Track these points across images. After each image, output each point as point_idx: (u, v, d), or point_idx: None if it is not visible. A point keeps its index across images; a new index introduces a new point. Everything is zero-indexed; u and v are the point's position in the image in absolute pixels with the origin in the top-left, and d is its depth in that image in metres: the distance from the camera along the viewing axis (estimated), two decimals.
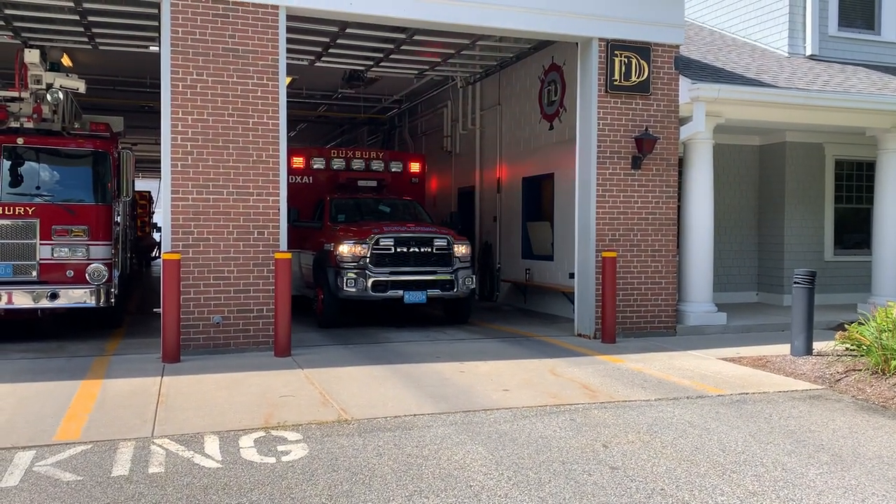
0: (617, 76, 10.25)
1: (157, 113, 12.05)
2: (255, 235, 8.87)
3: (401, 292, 10.72)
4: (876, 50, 14.66)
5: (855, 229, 14.44)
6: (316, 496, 4.35)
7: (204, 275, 8.67)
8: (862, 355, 7.82)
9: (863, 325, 7.97)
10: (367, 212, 12.49)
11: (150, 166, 26.08)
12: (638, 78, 10.33)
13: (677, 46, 10.67)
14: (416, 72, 14.30)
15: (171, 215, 8.59)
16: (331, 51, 12.54)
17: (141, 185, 25.68)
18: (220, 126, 8.71)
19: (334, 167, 13.30)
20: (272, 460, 4.95)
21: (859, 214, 14.43)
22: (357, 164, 13.41)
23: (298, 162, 13.14)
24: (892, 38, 14.76)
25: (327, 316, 10.97)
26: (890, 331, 7.46)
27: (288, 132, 9.13)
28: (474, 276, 11.43)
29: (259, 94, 8.84)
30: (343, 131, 22.66)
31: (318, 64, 13.34)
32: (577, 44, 10.52)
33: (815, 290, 8.79)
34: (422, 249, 10.93)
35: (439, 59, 13.25)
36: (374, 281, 10.64)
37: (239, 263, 8.80)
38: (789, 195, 13.89)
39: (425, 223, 12.12)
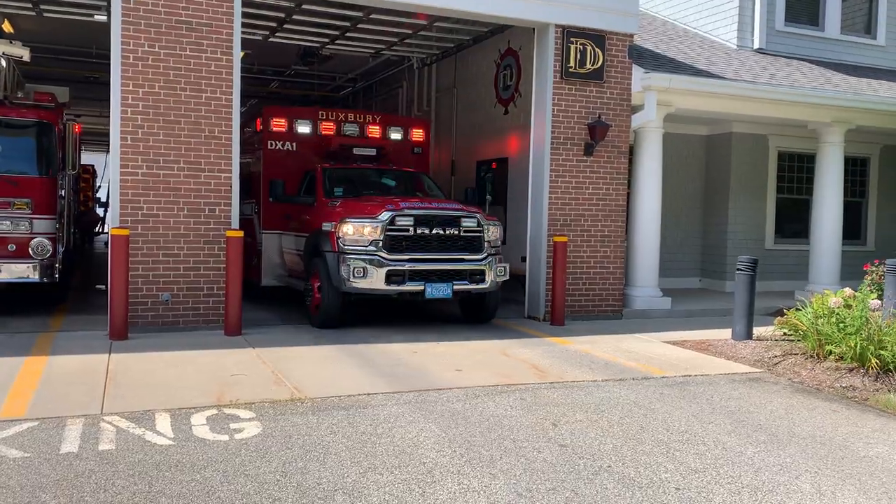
0: (572, 63, 10.37)
1: (102, 84, 11.72)
2: (207, 213, 8.74)
3: (421, 285, 8.79)
4: (820, 45, 15.14)
5: (795, 219, 14.94)
6: (270, 473, 4.37)
7: (153, 251, 8.53)
8: (799, 340, 8.16)
9: (800, 311, 8.30)
10: (369, 185, 10.58)
11: (95, 139, 25.30)
12: (592, 66, 10.48)
13: (631, 36, 10.84)
14: (372, 51, 14.20)
15: (120, 190, 8.41)
16: (286, 26, 12.37)
17: (84, 158, 24.91)
18: (172, 100, 8.53)
19: (323, 132, 11.17)
20: (225, 438, 4.95)
21: (799, 205, 14.92)
22: (350, 128, 11.30)
23: (279, 124, 11.01)
24: (835, 34, 15.25)
25: (327, 314, 9.02)
26: (825, 317, 7.79)
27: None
28: (506, 266, 9.59)
29: (213, 68, 8.68)
30: None
31: (272, 39, 13.15)
32: (533, 29, 10.60)
33: (756, 278, 9.11)
34: (447, 231, 9.02)
35: (396, 39, 13.18)
36: (390, 270, 8.69)
37: (189, 241, 8.68)
38: (734, 184, 14.29)
39: (446, 199, 10.34)
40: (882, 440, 5.46)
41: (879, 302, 7.92)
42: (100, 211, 24.78)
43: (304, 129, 11.15)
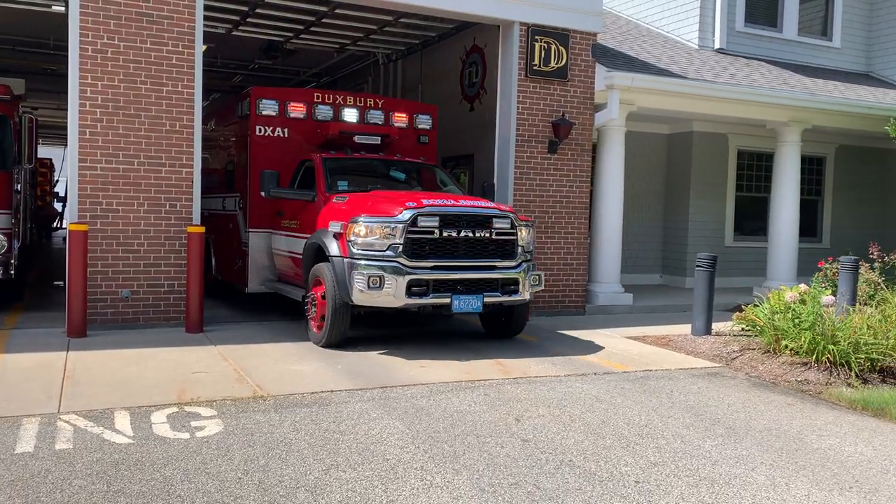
0: (537, 61, 10.45)
1: (60, 76, 11.47)
2: (167, 208, 8.62)
3: (447, 297, 7.54)
4: (778, 46, 15.45)
5: (753, 217, 15.23)
6: (231, 471, 4.34)
7: (112, 247, 8.39)
8: (756, 335, 8.33)
9: (757, 307, 8.48)
10: (375, 178, 9.46)
11: (52, 132, 24.77)
12: (556, 64, 10.56)
13: (595, 34, 10.95)
14: (336, 46, 14.11)
15: (78, 185, 8.25)
16: (249, 20, 12.23)
17: (42, 151, 24.37)
18: (132, 93, 8.39)
19: (319, 117, 9.91)
20: (186, 436, 4.90)
21: (757, 203, 15.22)
22: (350, 113, 10.06)
23: (270, 107, 9.82)
24: (793, 36, 15.57)
25: (333, 331, 7.70)
26: (782, 313, 7.97)
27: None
28: (541, 275, 8.46)
29: (174, 61, 8.56)
30: None
31: (235, 33, 12.99)
32: (499, 27, 10.65)
33: (715, 274, 9.27)
34: (477, 234, 7.77)
35: (361, 35, 13.12)
36: (412, 280, 7.40)
37: (150, 236, 8.55)
38: (694, 182, 14.52)
39: (471, 196, 9.23)
40: (834, 432, 5.61)
41: (833, 298, 8.13)
42: (57, 206, 24.30)
43: (297, 113, 9.89)
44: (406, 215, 7.50)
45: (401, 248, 7.45)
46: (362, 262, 7.47)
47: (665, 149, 14.94)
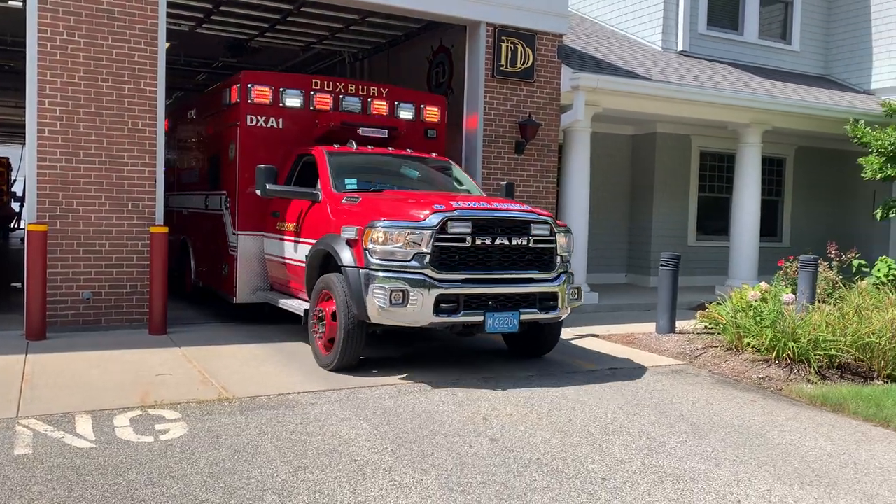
0: (503, 62, 10.50)
1: (16, 73, 11.22)
2: (130, 208, 8.48)
3: (480, 315, 6.63)
4: (739, 49, 15.72)
5: (715, 217, 15.47)
6: (197, 474, 4.28)
7: (73, 248, 8.22)
8: (719, 333, 8.48)
9: (720, 305, 8.62)
10: (384, 176, 8.39)
11: (10, 130, 24.20)
12: (523, 65, 10.62)
13: (561, 36, 11.04)
14: (302, 44, 14.01)
15: (37, 184, 8.07)
16: (213, 17, 12.08)
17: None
18: (93, 91, 8.24)
19: (317, 106, 8.98)
20: (150, 439, 4.82)
21: (719, 203, 15.48)
22: (351, 103, 9.13)
23: (262, 94, 8.74)
24: (754, 39, 15.86)
25: (345, 353, 6.72)
26: (744, 311, 8.11)
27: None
28: (580, 288, 7.56)
29: (136, 59, 8.42)
30: None
31: (198, 31, 12.81)
32: (465, 27, 10.67)
33: (679, 273, 9.40)
34: (514, 242, 6.81)
35: (327, 33, 13.04)
36: (440, 296, 6.47)
37: (111, 237, 8.41)
38: (658, 183, 14.71)
39: (504, 198, 8.27)
40: (795, 428, 5.73)
41: (793, 296, 8.30)
42: (15, 206, 23.77)
43: (293, 101, 8.89)
44: (434, 220, 6.51)
45: (427, 258, 6.46)
46: (381, 273, 6.46)
47: (630, 149, 15.11)
